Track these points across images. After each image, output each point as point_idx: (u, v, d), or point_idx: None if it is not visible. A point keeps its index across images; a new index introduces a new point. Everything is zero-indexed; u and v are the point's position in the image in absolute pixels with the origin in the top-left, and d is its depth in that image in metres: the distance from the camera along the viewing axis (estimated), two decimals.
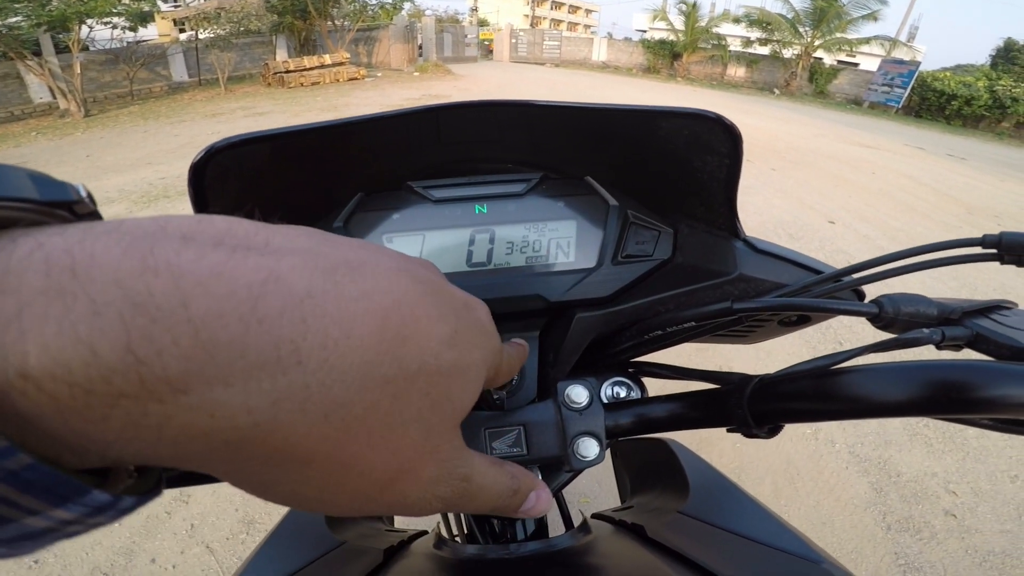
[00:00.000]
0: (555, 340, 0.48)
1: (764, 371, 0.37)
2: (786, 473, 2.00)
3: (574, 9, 63.50)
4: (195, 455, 0.14)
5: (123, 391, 0.12)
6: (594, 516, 0.58)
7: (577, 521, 0.55)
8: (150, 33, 13.72)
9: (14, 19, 8.72)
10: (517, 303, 0.47)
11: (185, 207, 4.64)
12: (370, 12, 17.07)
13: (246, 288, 0.14)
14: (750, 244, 0.44)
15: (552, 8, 60.25)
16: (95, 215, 0.16)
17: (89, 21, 9.67)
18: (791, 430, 2.16)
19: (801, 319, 0.45)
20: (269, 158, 0.38)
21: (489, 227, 0.48)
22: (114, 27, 10.57)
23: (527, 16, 54.00)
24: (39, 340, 0.11)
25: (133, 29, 10.95)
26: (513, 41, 27.84)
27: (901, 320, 0.31)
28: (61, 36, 9.91)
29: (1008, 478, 2.03)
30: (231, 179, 0.37)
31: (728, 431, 0.39)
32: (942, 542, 1.76)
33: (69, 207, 0.15)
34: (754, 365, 2.59)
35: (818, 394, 0.32)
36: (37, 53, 9.70)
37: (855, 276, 0.36)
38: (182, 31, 14.06)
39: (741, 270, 0.42)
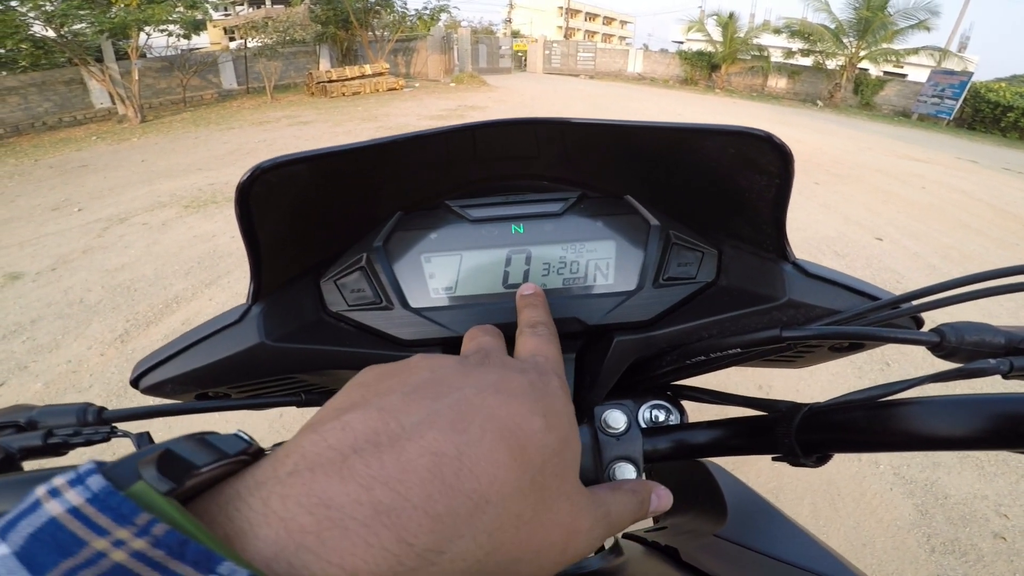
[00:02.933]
0: (592, 363, 0.46)
1: (802, 389, 0.35)
2: (826, 494, 1.95)
3: (608, 21, 63.52)
4: None
5: (412, 566, 0.16)
6: (625, 536, 0.56)
7: (608, 542, 0.55)
8: (202, 41, 14.40)
9: (79, 26, 9.27)
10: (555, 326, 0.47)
11: (230, 213, 4.78)
12: (408, 23, 17.45)
13: (426, 469, 0.18)
14: (800, 268, 0.41)
15: (586, 20, 60.38)
16: (262, 452, 0.19)
17: (147, 28, 10.18)
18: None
19: (853, 345, 0.43)
20: (312, 177, 0.38)
21: (526, 248, 0.47)
22: (170, 35, 11.12)
23: (561, 28, 54.24)
24: (350, 563, 0.15)
25: (187, 37, 11.50)
26: (547, 52, 27.94)
27: (965, 349, 0.30)
28: (121, 43, 10.49)
29: None
30: (276, 198, 0.37)
31: (773, 459, 0.38)
32: (989, 564, 1.70)
33: (248, 453, 0.19)
34: (794, 383, 2.53)
35: (874, 425, 0.31)
36: (99, 60, 10.29)
37: (914, 303, 0.34)
38: (232, 39, 14.69)
39: (790, 295, 0.40)
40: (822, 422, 0.34)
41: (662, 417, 0.46)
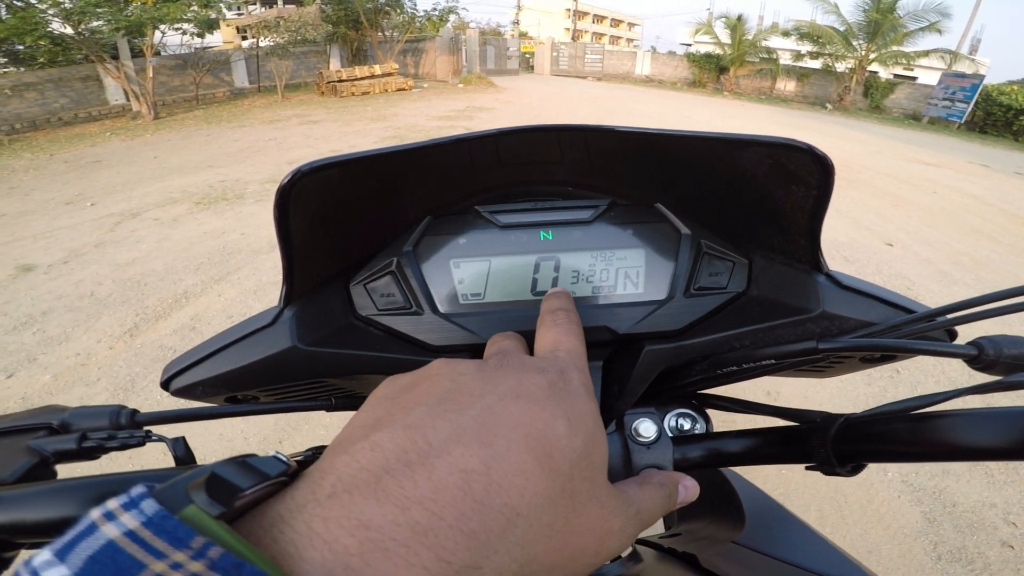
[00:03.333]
0: (621, 371, 0.46)
1: (810, 395, 0.35)
2: (833, 500, 1.94)
3: (616, 23, 63.47)
4: None
5: None
6: (639, 542, 0.56)
7: (626, 549, 0.55)
8: (215, 40, 14.53)
9: (96, 23, 9.42)
10: (584, 334, 0.47)
11: (240, 210, 4.85)
12: (418, 24, 17.53)
13: (457, 488, 0.18)
14: (834, 279, 0.41)
15: (594, 22, 60.35)
16: (298, 472, 0.20)
17: (162, 27, 10.33)
18: None
19: (885, 357, 0.43)
20: (343, 180, 0.38)
21: (554, 254, 0.46)
22: (184, 33, 11.26)
23: (568, 30, 54.23)
24: None
25: (201, 35, 11.65)
26: (554, 54, 27.96)
27: (1003, 362, 0.30)
28: (136, 41, 10.62)
29: None
30: (310, 201, 0.37)
31: (806, 468, 0.38)
32: (995, 573, 1.69)
33: (286, 474, 0.19)
34: (802, 390, 2.52)
35: (913, 436, 0.31)
36: (115, 57, 10.43)
37: (949, 316, 0.34)
38: (244, 38, 14.80)
39: (824, 307, 0.40)
40: (859, 433, 0.34)
41: (687, 426, 0.45)
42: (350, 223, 0.43)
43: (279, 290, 0.41)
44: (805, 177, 0.37)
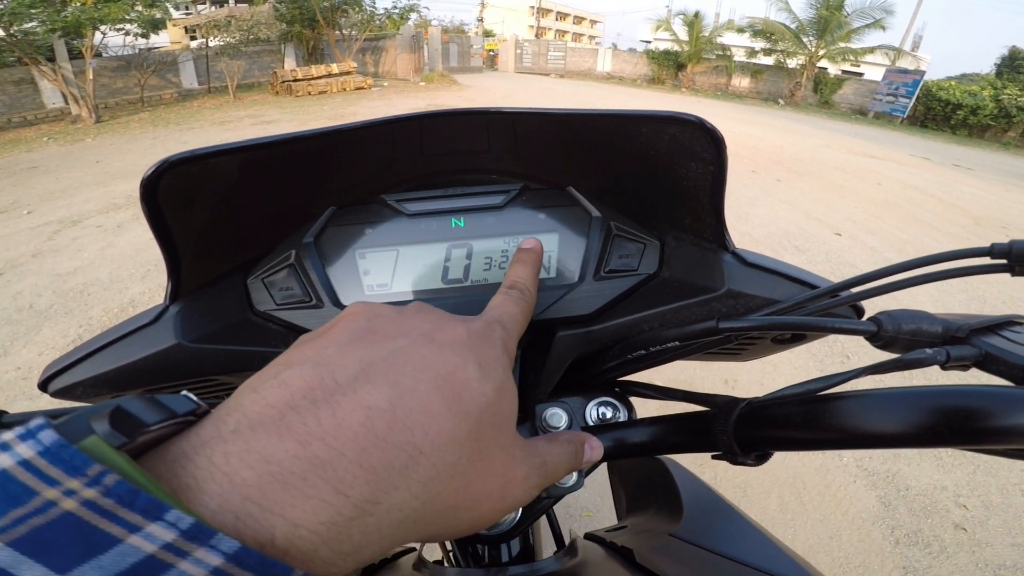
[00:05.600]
0: (536, 360, 0.45)
1: (766, 383, 0.34)
2: (792, 487, 1.98)
3: (579, 20, 64.00)
4: (401, 538, 0.20)
5: (350, 516, 0.17)
6: (586, 536, 0.56)
7: (568, 542, 0.54)
8: (162, 40, 13.92)
9: (29, 24, 8.84)
10: None
11: None
12: (377, 22, 17.23)
13: (360, 424, 0.19)
14: (739, 257, 0.41)
15: (557, 19, 60.70)
16: (207, 412, 0.20)
17: (103, 28, 9.78)
18: None
19: (796, 337, 0.43)
20: (238, 171, 0.37)
21: (467, 241, 0.46)
22: (127, 34, 10.70)
23: (532, 27, 54.42)
24: (291, 513, 0.16)
25: (145, 36, 11.07)
26: (518, 52, 27.97)
27: (902, 339, 0.29)
28: (75, 42, 10.04)
29: (1020, 491, 2.02)
30: (195, 193, 0.36)
31: (713, 458, 0.36)
32: (952, 556, 1.75)
33: (195, 413, 0.19)
34: (758, 377, 2.56)
35: (809, 421, 0.29)
36: (51, 59, 9.82)
37: (853, 291, 0.33)
38: (193, 38, 14.24)
39: (729, 285, 0.39)
40: (760, 418, 0.33)
41: (609, 414, 0.45)
42: (246, 215, 0.42)
43: None
44: (700, 152, 0.37)
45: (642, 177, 0.43)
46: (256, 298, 0.44)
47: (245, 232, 0.43)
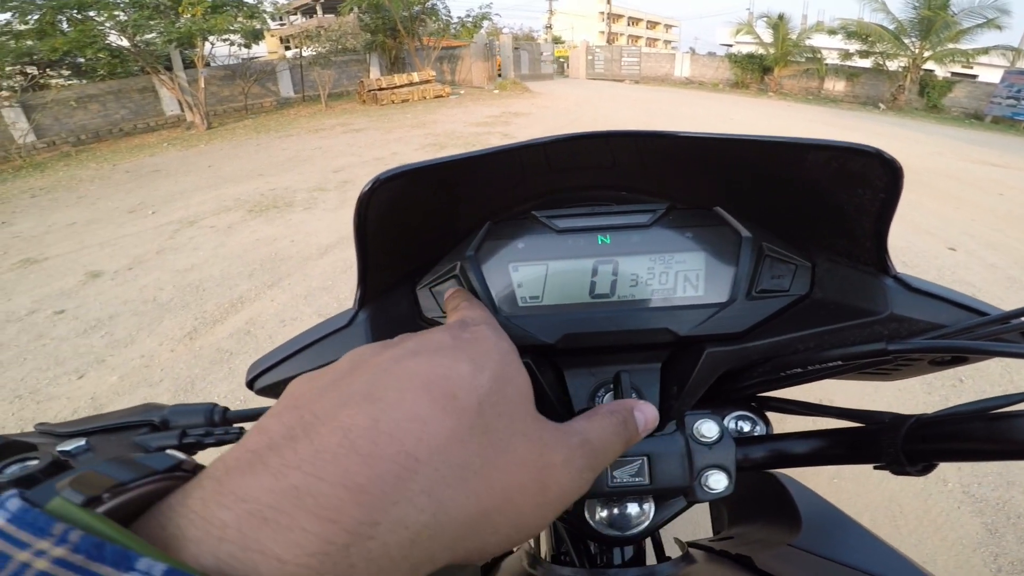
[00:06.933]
0: (681, 372, 0.46)
1: (873, 403, 0.33)
2: (887, 511, 1.88)
3: (652, 25, 62.77)
4: (424, 559, 0.18)
5: (345, 543, 0.16)
6: (691, 545, 0.56)
7: (668, 549, 0.55)
8: (261, 51, 15.06)
9: (149, 35, 9.97)
10: (644, 336, 0.46)
11: (290, 218, 4.99)
12: (452, 31, 17.75)
13: (338, 445, 0.18)
14: (902, 281, 0.40)
15: (629, 24, 59.85)
16: (200, 468, 0.19)
17: (211, 38, 10.80)
18: None
19: (956, 360, 0.42)
20: (409, 188, 0.39)
21: (612, 258, 0.47)
22: (231, 44, 11.74)
23: (603, 33, 53.94)
24: (271, 549, 0.15)
25: (247, 46, 12.12)
26: (589, 58, 27.84)
27: None
28: (188, 52, 11.15)
29: None
30: (384, 208, 0.38)
31: (875, 468, 0.38)
32: None
33: (182, 469, 0.19)
34: (855, 398, 2.39)
35: (987, 435, 0.31)
36: (168, 68, 10.97)
37: None
38: (287, 48, 15.29)
39: (893, 309, 0.39)
40: (931, 433, 0.34)
41: (747, 428, 0.46)
42: (417, 229, 0.45)
43: (326, 296, 0.43)
44: (872, 180, 0.36)
45: (797, 200, 0.43)
46: (424, 306, 0.48)
47: (416, 245, 0.46)
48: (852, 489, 1.95)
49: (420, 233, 0.45)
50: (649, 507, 0.45)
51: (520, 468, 0.22)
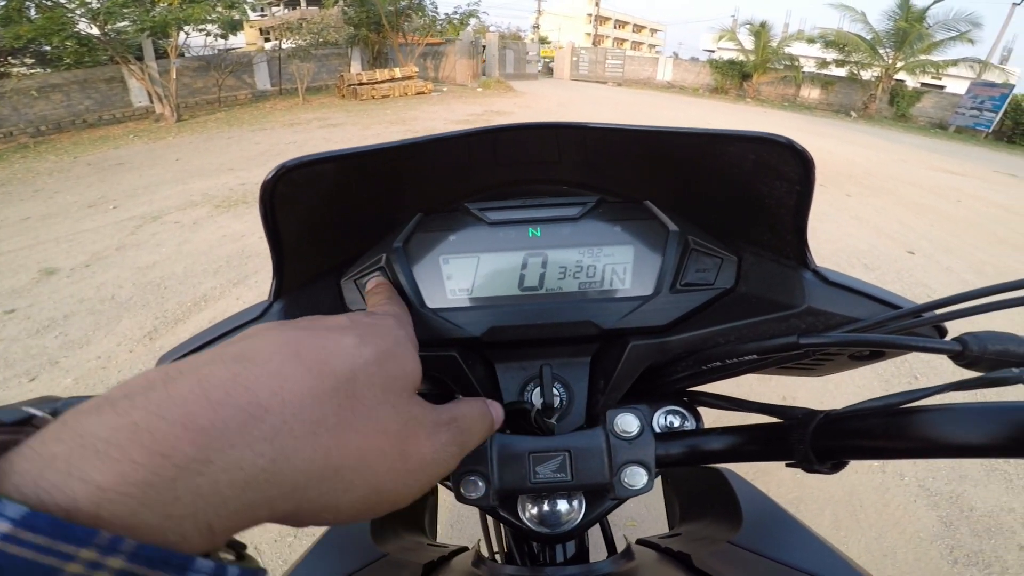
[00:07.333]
0: (607, 367, 0.46)
1: (827, 401, 0.33)
2: (848, 505, 1.95)
3: (638, 28, 63.29)
4: (256, 506, 0.19)
5: (171, 477, 0.17)
6: (639, 542, 0.56)
7: (620, 546, 0.55)
8: (239, 42, 14.71)
9: (122, 24, 9.59)
10: (569, 329, 0.46)
11: (258, 213, 4.89)
12: (438, 27, 17.61)
13: (190, 392, 0.19)
14: (820, 275, 0.41)
15: (615, 27, 60.24)
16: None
17: (187, 28, 10.45)
18: (857, 463, 2.02)
19: (874, 354, 0.43)
20: (335, 177, 0.39)
21: (542, 251, 0.47)
22: (208, 34, 11.40)
23: (589, 35, 54.19)
24: (94, 476, 0.16)
25: (224, 37, 11.78)
26: (574, 59, 27.90)
27: (987, 359, 0.29)
28: (161, 42, 10.77)
29: None
30: (300, 197, 0.38)
31: (787, 465, 0.38)
32: None
33: (32, 424, 0.19)
34: (818, 395, 2.47)
35: (891, 432, 0.31)
36: (139, 58, 10.58)
37: (937, 312, 0.33)
38: (267, 40, 14.97)
39: (810, 303, 0.40)
40: (839, 429, 0.34)
41: (677, 423, 0.46)
42: (342, 219, 0.44)
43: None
44: (787, 173, 0.37)
45: (722, 193, 0.43)
46: (349, 298, 0.47)
47: (340, 235, 0.46)
48: (814, 484, 2.00)
49: (346, 223, 0.45)
50: (579, 504, 0.45)
51: (381, 434, 0.24)
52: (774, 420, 0.40)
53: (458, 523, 1.79)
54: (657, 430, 0.46)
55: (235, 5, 11.12)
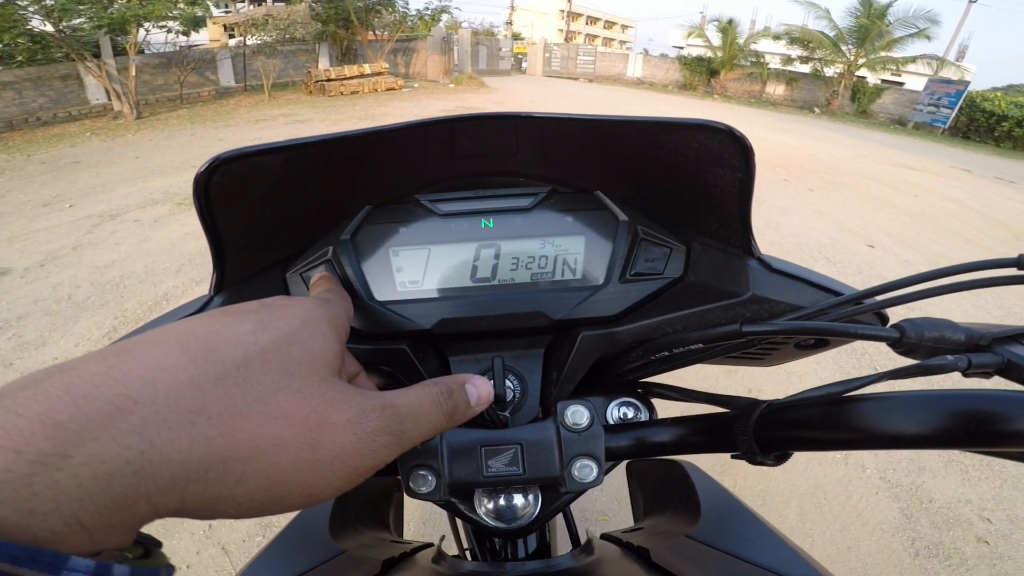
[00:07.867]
0: (560, 359, 0.46)
1: (792, 391, 0.35)
2: (813, 497, 1.97)
3: (610, 25, 63.68)
4: (131, 500, 0.18)
5: (27, 472, 0.16)
6: (603, 536, 0.56)
7: (584, 541, 0.55)
8: (202, 38, 14.25)
9: (77, 20, 9.16)
10: (520, 320, 0.46)
11: None
12: (409, 23, 17.43)
13: (54, 388, 0.18)
14: (764, 263, 0.42)
15: (587, 23, 60.49)
16: None
17: (146, 24, 10.08)
18: (820, 455, 2.13)
19: (820, 343, 0.43)
20: (282, 169, 0.38)
21: (495, 242, 0.47)
22: (169, 31, 11.01)
23: (561, 31, 54.30)
24: None
25: (186, 33, 11.37)
26: (547, 55, 27.93)
27: (924, 346, 0.29)
28: (119, 39, 10.37)
29: None
30: (242, 189, 0.37)
31: (732, 457, 0.37)
32: (972, 568, 1.72)
33: None
34: (783, 387, 2.53)
35: (831, 422, 0.30)
36: (96, 55, 10.17)
37: (878, 299, 0.33)
38: (231, 36, 14.56)
39: (754, 290, 0.40)
40: (781, 419, 0.33)
41: (631, 414, 0.46)
42: (287, 212, 0.43)
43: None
44: (729, 160, 0.37)
45: (670, 183, 0.44)
46: (294, 292, 0.46)
47: (285, 228, 0.45)
48: (780, 477, 2.03)
49: (292, 216, 0.45)
50: (535, 498, 0.45)
51: (280, 422, 0.22)
52: (722, 411, 0.40)
53: (430, 520, 1.79)
54: (611, 422, 0.46)
55: (197, 2, 10.77)
